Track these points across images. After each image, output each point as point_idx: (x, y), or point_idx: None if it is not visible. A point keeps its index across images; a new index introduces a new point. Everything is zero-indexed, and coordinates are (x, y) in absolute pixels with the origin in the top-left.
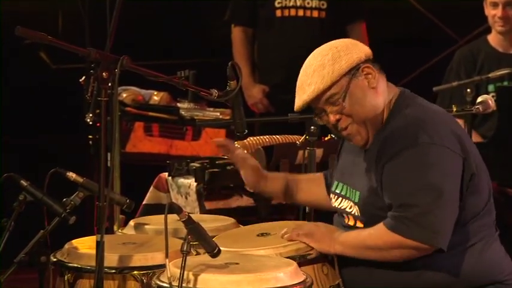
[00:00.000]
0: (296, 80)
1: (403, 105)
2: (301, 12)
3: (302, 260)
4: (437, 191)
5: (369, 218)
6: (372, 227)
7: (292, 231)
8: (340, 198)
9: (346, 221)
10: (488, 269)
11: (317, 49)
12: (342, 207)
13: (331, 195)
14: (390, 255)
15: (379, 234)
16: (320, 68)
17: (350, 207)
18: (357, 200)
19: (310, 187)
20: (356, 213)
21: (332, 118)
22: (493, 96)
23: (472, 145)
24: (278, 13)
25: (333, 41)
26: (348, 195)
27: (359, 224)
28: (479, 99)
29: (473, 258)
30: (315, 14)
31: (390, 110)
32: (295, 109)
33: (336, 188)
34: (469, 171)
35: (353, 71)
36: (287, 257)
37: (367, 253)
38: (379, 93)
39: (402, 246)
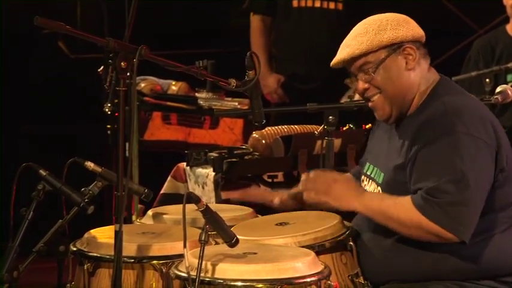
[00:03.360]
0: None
1: (443, 92)
2: (317, 3)
3: (321, 249)
4: (468, 182)
5: None
6: (398, 197)
7: (307, 189)
8: (369, 180)
9: None
10: (509, 259)
11: (373, 16)
12: (369, 190)
13: (363, 177)
14: (409, 231)
15: (404, 207)
16: (362, 34)
17: (374, 190)
18: (380, 181)
19: None
20: None
21: (360, 85)
22: (511, 86)
23: (505, 137)
24: (295, 3)
25: (390, 13)
26: (374, 177)
27: None
28: (498, 89)
29: (493, 248)
30: (332, 5)
31: (428, 94)
32: (331, 64)
33: (366, 170)
34: (500, 165)
35: (394, 47)
36: (305, 246)
37: (386, 222)
38: (415, 76)
39: (424, 228)
